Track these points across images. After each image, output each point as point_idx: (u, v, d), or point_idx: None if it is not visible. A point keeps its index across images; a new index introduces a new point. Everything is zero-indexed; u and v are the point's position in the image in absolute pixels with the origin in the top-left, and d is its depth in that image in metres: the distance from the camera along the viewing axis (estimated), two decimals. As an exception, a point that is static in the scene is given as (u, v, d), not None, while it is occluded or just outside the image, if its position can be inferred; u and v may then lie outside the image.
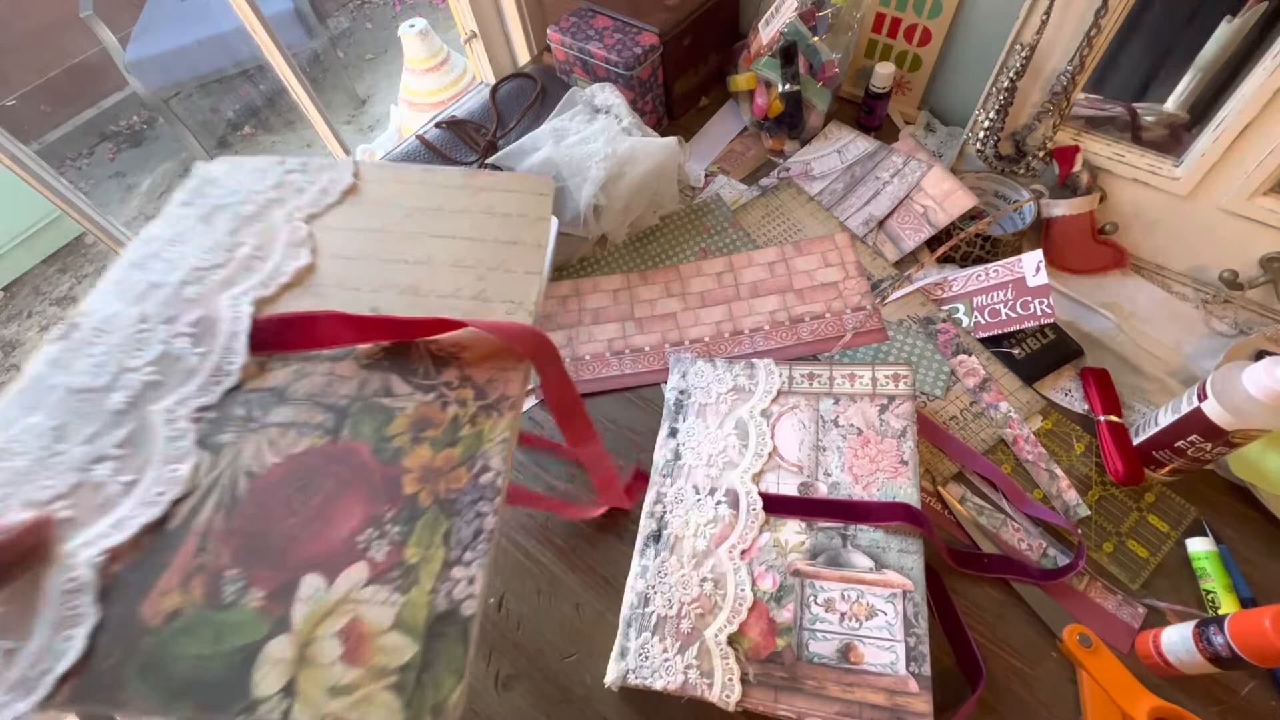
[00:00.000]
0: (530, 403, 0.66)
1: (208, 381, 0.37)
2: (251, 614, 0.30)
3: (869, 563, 0.48)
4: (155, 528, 0.32)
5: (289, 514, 0.33)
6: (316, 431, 0.36)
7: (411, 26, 1.28)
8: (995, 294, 0.65)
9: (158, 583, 0.31)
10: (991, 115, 0.68)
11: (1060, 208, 0.68)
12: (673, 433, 0.59)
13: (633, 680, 0.47)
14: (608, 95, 0.74)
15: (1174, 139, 0.65)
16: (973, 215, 0.70)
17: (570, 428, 0.45)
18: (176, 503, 0.33)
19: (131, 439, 0.35)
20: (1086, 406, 0.60)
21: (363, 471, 0.35)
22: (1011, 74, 0.65)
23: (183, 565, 0.31)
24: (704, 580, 0.50)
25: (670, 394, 0.61)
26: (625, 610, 0.51)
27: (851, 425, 0.55)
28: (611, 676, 0.47)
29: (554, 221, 0.49)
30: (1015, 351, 0.63)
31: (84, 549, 0.31)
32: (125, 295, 0.40)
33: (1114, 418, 0.58)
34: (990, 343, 0.64)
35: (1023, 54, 0.63)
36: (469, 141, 0.75)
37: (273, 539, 0.32)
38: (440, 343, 0.40)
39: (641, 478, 0.58)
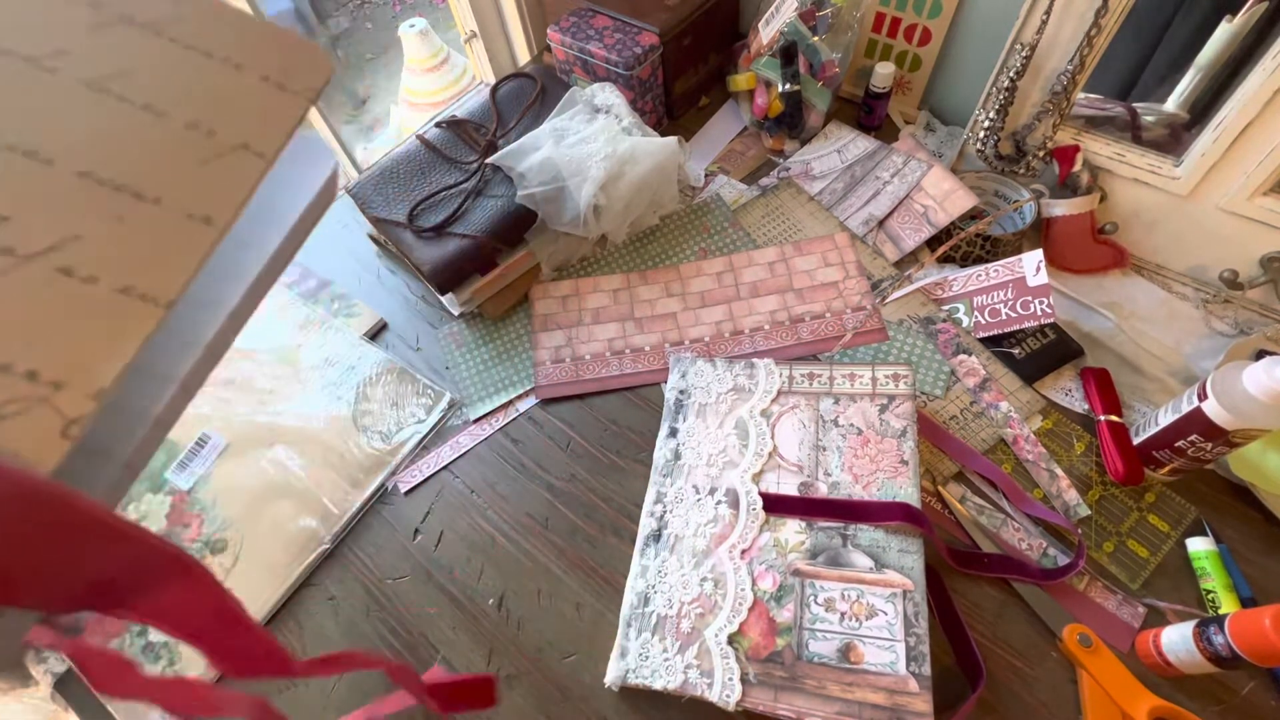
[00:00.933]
0: (529, 403, 0.66)
1: None
2: None
3: (869, 562, 0.48)
4: None
5: None
6: None
7: (411, 26, 1.28)
8: (995, 294, 0.65)
9: None
10: (991, 115, 0.68)
11: (1060, 207, 0.68)
12: (673, 432, 0.59)
13: (633, 680, 0.47)
14: (608, 95, 0.74)
15: (1174, 139, 0.65)
16: (973, 215, 0.70)
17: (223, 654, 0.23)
18: None
19: None
20: (1086, 406, 0.60)
21: None
22: (1011, 74, 0.65)
23: None
24: (704, 580, 0.50)
25: (670, 394, 0.61)
26: (625, 610, 0.51)
27: (851, 425, 0.55)
28: (611, 676, 0.47)
29: (314, 143, 0.20)
30: (1015, 351, 0.63)
31: None
32: None
33: (1114, 417, 0.57)
34: (990, 342, 0.64)
35: (1023, 54, 0.63)
36: (469, 141, 0.75)
37: None
38: None
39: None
